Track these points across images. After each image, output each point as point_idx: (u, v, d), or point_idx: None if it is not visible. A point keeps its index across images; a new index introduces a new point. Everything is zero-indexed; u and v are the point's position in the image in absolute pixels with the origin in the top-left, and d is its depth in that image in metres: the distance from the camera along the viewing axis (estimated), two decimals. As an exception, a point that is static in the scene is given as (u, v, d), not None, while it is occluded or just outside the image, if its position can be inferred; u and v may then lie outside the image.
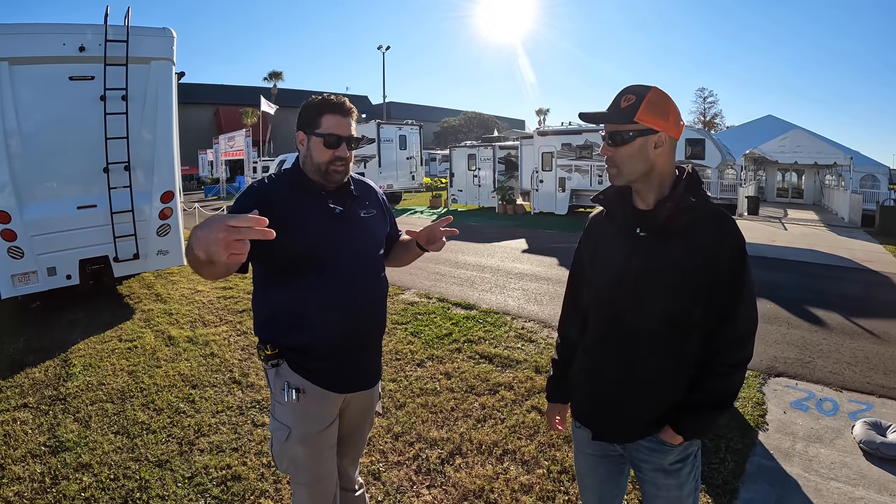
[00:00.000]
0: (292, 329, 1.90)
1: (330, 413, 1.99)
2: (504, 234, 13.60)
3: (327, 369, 1.93)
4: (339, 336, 1.91)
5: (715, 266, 1.49)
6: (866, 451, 3.35)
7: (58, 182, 6.11)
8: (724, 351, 1.55)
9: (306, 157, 1.91)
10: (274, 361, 1.91)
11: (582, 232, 1.85)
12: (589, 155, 16.66)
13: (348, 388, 2.01)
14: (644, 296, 1.56)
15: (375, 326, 2.06)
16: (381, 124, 21.02)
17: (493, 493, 2.97)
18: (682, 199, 1.52)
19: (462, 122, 60.97)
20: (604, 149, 1.59)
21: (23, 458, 3.35)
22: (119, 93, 6.16)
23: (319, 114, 1.88)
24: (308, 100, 1.94)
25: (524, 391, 4.20)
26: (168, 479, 3.10)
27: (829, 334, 5.69)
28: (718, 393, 1.56)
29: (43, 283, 6.04)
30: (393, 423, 3.72)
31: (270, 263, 1.88)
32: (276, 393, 1.94)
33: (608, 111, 1.56)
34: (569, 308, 1.90)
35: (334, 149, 1.87)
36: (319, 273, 1.87)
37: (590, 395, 1.73)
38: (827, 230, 14.65)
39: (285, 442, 1.93)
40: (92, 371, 4.73)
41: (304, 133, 1.90)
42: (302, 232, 1.84)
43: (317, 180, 1.92)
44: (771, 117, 28.64)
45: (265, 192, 1.88)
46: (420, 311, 6.41)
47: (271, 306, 1.93)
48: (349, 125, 1.91)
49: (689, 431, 1.57)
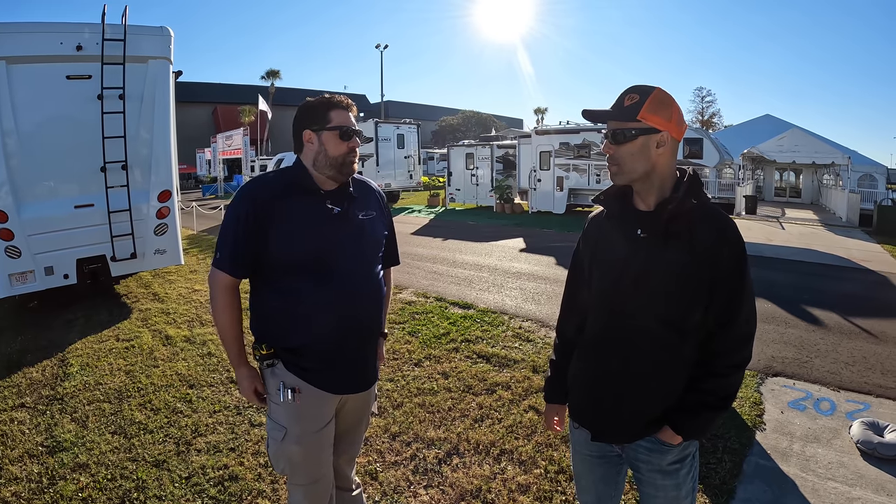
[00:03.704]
0: (289, 330, 1.90)
1: (326, 413, 1.99)
2: (502, 233, 13.59)
3: (323, 370, 1.93)
4: (335, 338, 1.92)
5: (716, 268, 1.49)
6: (863, 450, 3.35)
7: (55, 181, 6.10)
8: (725, 352, 1.55)
9: (318, 154, 1.91)
10: (269, 361, 1.92)
11: (581, 232, 1.84)
12: (587, 154, 16.67)
13: (344, 389, 2.02)
14: (644, 297, 1.55)
15: (373, 328, 2.06)
16: (378, 123, 21.03)
17: (490, 493, 2.97)
18: (684, 200, 1.52)
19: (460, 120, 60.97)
20: (605, 146, 1.58)
21: (20, 459, 3.34)
22: (116, 92, 6.15)
23: (327, 110, 1.91)
24: (307, 100, 1.97)
25: (521, 391, 4.20)
26: (165, 480, 3.10)
27: (827, 334, 5.70)
28: (718, 394, 1.56)
29: (40, 283, 6.03)
30: (390, 423, 3.72)
31: (269, 266, 1.89)
32: (272, 393, 1.94)
33: (611, 109, 1.56)
34: (567, 308, 1.89)
35: (349, 140, 1.91)
36: (317, 275, 1.88)
37: (588, 395, 1.73)
38: (825, 229, 14.66)
39: (282, 442, 1.94)
40: (89, 371, 4.72)
41: (313, 131, 1.91)
42: (300, 236, 1.86)
43: (330, 176, 1.93)
44: (769, 116, 28.67)
45: (261, 199, 1.87)
46: (417, 311, 6.41)
47: (268, 306, 1.94)
48: (353, 119, 1.96)
49: (688, 432, 1.57)
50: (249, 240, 1.85)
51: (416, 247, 11.49)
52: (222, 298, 1.93)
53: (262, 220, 1.84)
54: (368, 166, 20.66)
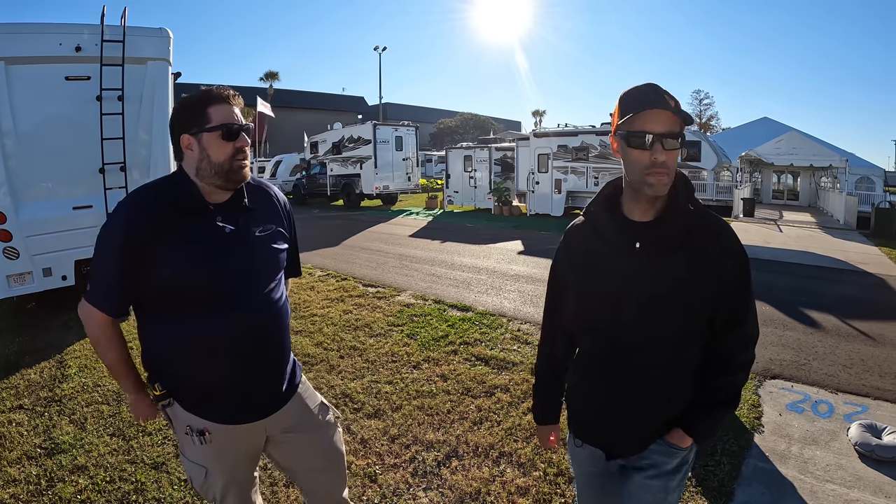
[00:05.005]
0: (181, 365, 1.67)
1: (248, 441, 1.82)
2: (500, 235, 13.60)
3: (226, 404, 1.71)
4: (234, 370, 1.69)
5: (721, 275, 1.43)
6: (862, 453, 3.36)
7: (53, 182, 6.08)
8: (733, 353, 1.52)
9: (201, 161, 1.63)
10: (164, 402, 1.70)
11: (559, 247, 1.69)
12: (585, 157, 16.71)
13: (256, 416, 1.78)
14: (649, 316, 1.47)
15: (274, 353, 1.80)
16: (377, 125, 21.04)
17: (489, 495, 2.97)
18: (685, 207, 1.45)
19: (458, 123, 60.97)
20: (658, 152, 1.36)
21: (18, 460, 3.33)
22: (115, 93, 6.13)
23: (205, 107, 1.62)
24: (182, 98, 1.70)
25: (520, 393, 4.20)
26: (164, 482, 3.09)
27: (825, 336, 5.71)
28: (729, 390, 1.53)
29: (38, 284, 6.00)
30: (389, 426, 3.72)
31: (152, 296, 1.64)
32: (181, 437, 1.75)
33: (669, 106, 1.36)
34: (550, 331, 1.78)
35: (234, 140, 1.63)
36: (209, 304, 1.62)
37: (594, 414, 1.65)
38: (822, 232, 14.70)
39: (206, 479, 1.78)
40: (87, 372, 4.71)
41: (191, 135, 1.63)
42: (187, 262, 1.60)
43: (218, 185, 1.66)
44: (767, 119, 28.80)
45: (137, 223, 1.58)
46: (416, 313, 6.41)
47: (157, 340, 1.69)
48: (237, 113, 1.67)
49: (700, 432, 1.54)
50: (125, 273, 1.58)
51: (414, 249, 11.49)
52: (103, 336, 1.68)
53: (138, 248, 1.56)
54: (367, 168, 20.73)
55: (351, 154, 21.61)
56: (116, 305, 1.65)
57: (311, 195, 24.76)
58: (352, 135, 21.78)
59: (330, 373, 4.65)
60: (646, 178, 1.38)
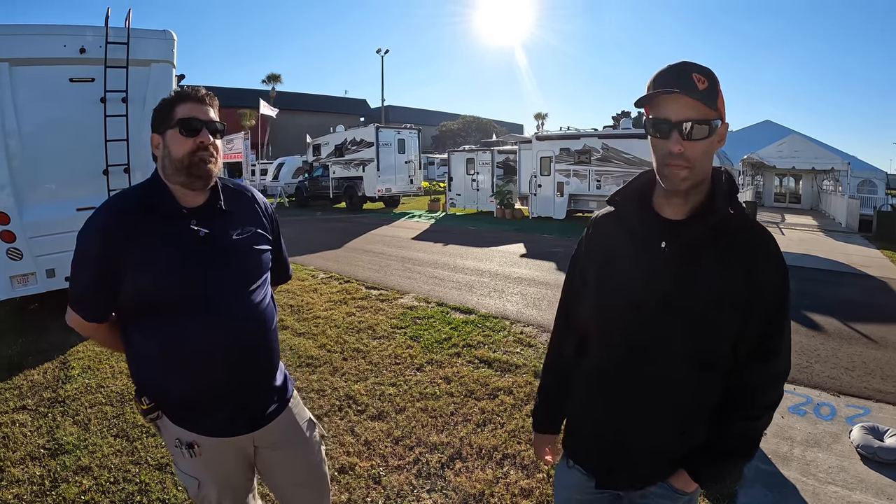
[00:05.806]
0: (164, 376, 1.64)
1: (239, 453, 1.79)
2: (502, 238, 13.62)
3: (213, 418, 1.68)
4: (218, 379, 1.65)
5: (756, 290, 1.25)
6: (864, 455, 3.37)
7: (57, 184, 6.10)
8: (760, 389, 1.33)
9: (164, 160, 1.62)
10: (153, 416, 1.66)
11: (582, 236, 1.54)
12: (587, 160, 16.71)
13: (245, 429, 1.74)
14: (668, 332, 1.30)
15: (261, 362, 1.76)
16: (379, 128, 21.09)
17: (493, 497, 2.97)
18: (724, 210, 1.26)
19: (460, 126, 61.02)
20: (676, 142, 1.19)
21: (22, 461, 3.34)
22: (119, 95, 6.16)
23: (172, 106, 1.61)
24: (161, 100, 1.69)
25: (523, 396, 4.20)
26: (168, 483, 3.10)
27: (827, 339, 5.71)
28: (748, 437, 1.36)
29: (42, 285, 6.02)
30: (393, 428, 3.72)
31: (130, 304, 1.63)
32: (171, 449, 1.73)
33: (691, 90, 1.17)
34: (563, 325, 1.62)
35: (194, 136, 1.58)
36: (187, 312, 1.59)
37: (594, 429, 1.47)
38: (824, 235, 14.70)
39: (199, 489, 1.76)
40: (91, 373, 4.72)
41: (158, 134, 1.63)
42: (163, 269, 1.58)
43: (182, 183, 1.61)
44: (769, 122, 28.88)
45: (112, 229, 1.57)
46: (419, 316, 6.42)
47: (139, 350, 1.67)
48: (209, 112, 1.63)
49: (707, 479, 1.37)
50: (103, 279, 1.58)
51: (417, 252, 11.50)
52: (96, 336, 1.73)
53: (115, 254, 1.55)
54: (369, 171, 20.76)
55: (353, 157, 21.64)
56: (97, 312, 1.65)
57: (313, 197, 24.77)
58: (354, 137, 21.82)
59: (334, 375, 4.66)
60: (663, 169, 1.25)
